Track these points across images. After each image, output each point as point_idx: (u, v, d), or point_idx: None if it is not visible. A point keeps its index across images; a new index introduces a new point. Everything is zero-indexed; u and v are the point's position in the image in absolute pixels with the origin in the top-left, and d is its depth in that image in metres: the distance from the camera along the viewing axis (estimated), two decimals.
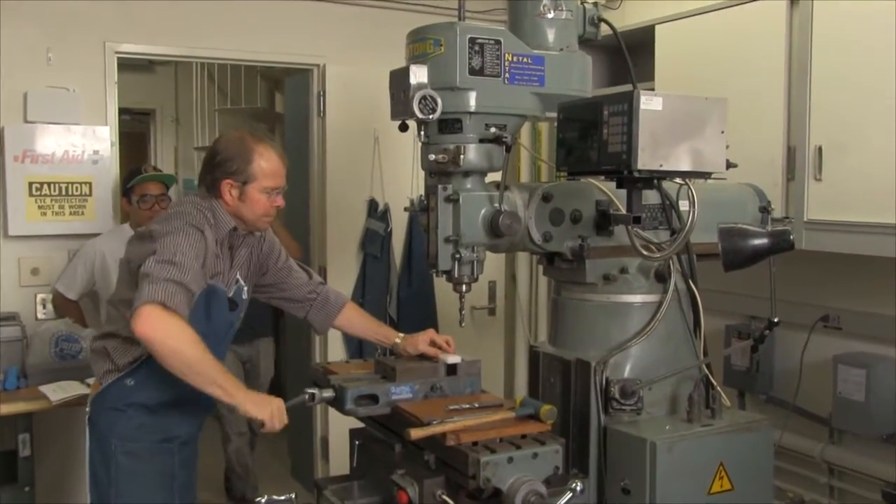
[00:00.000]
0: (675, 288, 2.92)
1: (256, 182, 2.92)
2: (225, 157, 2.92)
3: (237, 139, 2.95)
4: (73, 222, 4.59)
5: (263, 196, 2.93)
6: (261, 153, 2.93)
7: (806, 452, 4.07)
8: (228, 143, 2.95)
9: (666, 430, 2.73)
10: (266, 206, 2.95)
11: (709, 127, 2.54)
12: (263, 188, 2.93)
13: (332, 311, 3.28)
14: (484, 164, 2.78)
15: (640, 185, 2.58)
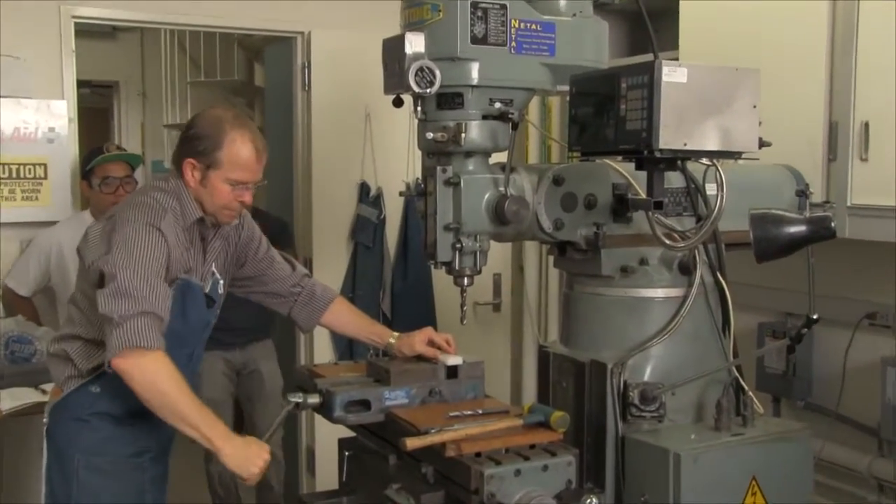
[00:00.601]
0: (702, 281, 2.95)
1: (221, 170, 2.91)
2: (196, 133, 2.93)
3: (215, 118, 2.94)
4: (26, 208, 4.58)
5: (226, 187, 2.93)
6: (234, 140, 2.91)
7: (851, 466, 4.06)
8: (204, 121, 2.96)
9: (691, 440, 2.76)
10: (227, 199, 2.95)
11: (739, 101, 2.56)
12: (228, 179, 2.92)
13: (318, 307, 3.29)
14: (488, 144, 2.80)
15: (662, 166, 2.60)
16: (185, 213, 2.93)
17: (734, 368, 3.00)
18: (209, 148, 2.91)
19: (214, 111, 2.99)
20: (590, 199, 2.91)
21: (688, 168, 2.93)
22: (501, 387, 5.48)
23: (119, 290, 2.67)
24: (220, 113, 2.97)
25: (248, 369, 5.24)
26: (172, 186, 2.95)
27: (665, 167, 2.61)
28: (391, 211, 5.24)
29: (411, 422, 2.61)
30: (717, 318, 3.01)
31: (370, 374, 2.97)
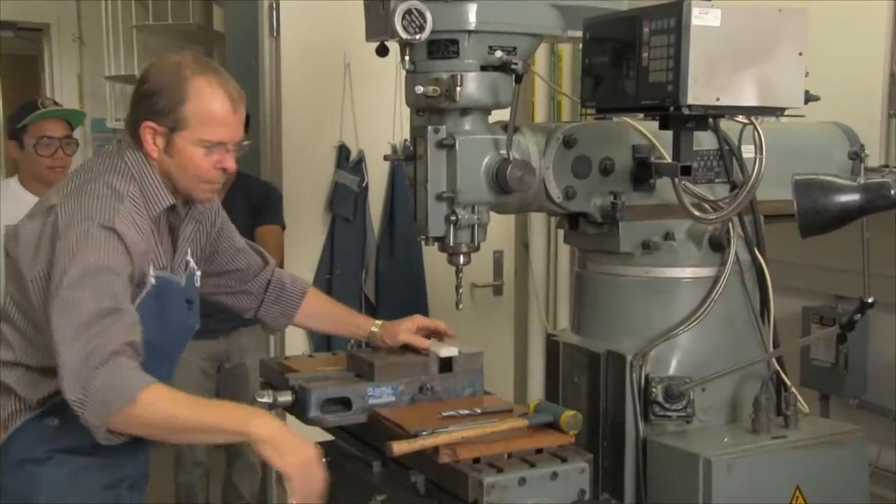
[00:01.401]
0: (737, 259, 2.97)
1: (189, 130, 2.67)
2: (151, 88, 2.70)
3: (172, 66, 2.71)
4: None
5: (199, 151, 2.70)
6: (201, 89, 2.67)
7: None
8: (159, 70, 2.73)
9: (724, 444, 2.79)
10: (203, 167, 2.72)
11: (782, 48, 2.56)
12: (200, 140, 2.69)
13: (291, 303, 3.21)
14: (487, 99, 2.81)
15: (691, 125, 2.61)
16: (149, 199, 2.71)
17: (774, 360, 3.02)
18: (170, 104, 2.66)
19: (170, 58, 2.74)
20: (606, 163, 2.92)
21: (721, 127, 2.93)
22: (503, 382, 5.49)
23: (78, 327, 2.44)
24: (178, 58, 2.73)
25: (232, 363, 5.21)
26: (129, 163, 2.72)
27: (694, 126, 2.62)
28: (375, 178, 5.24)
29: (399, 423, 2.62)
30: (754, 301, 3.03)
31: (351, 367, 2.98)
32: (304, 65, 5.15)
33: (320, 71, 5.13)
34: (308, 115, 5.14)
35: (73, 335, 2.44)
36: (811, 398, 4.06)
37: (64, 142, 4.48)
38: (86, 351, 2.43)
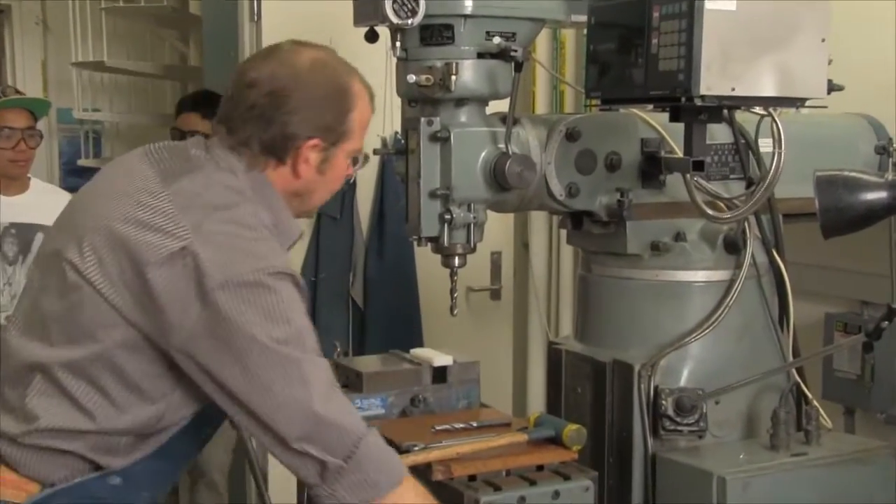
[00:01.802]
0: (753, 261, 2.97)
1: (350, 140, 2.52)
2: (309, 99, 2.47)
3: (320, 65, 2.54)
4: None
5: (346, 162, 2.56)
6: (360, 93, 2.57)
7: None
8: (311, 76, 2.50)
9: (740, 461, 2.79)
10: (342, 180, 2.61)
11: (803, 34, 2.57)
12: (354, 150, 2.56)
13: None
14: (484, 89, 2.81)
15: (704, 116, 2.61)
16: (282, 229, 2.48)
17: (794, 371, 3.02)
18: (339, 115, 2.50)
19: (305, 57, 2.55)
20: (612, 158, 2.92)
21: (737, 119, 2.93)
22: (501, 393, 5.48)
23: (325, 386, 2.33)
24: (319, 56, 2.58)
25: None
26: (250, 186, 2.45)
27: (708, 118, 2.62)
28: (364, 173, 5.23)
29: (389, 437, 2.61)
30: (772, 307, 3.04)
31: (336, 377, 2.96)
32: None
33: None
34: None
35: (324, 395, 2.32)
36: (834, 412, 4.05)
37: (27, 133, 4.47)
38: (347, 412, 2.35)
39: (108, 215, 2.34)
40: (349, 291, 5.21)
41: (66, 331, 2.34)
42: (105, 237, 2.31)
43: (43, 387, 2.35)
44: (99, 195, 2.47)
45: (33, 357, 2.36)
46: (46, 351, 2.35)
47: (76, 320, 2.32)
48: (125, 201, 2.35)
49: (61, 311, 2.34)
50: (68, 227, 2.43)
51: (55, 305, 2.36)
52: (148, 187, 2.36)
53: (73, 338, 2.33)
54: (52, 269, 2.39)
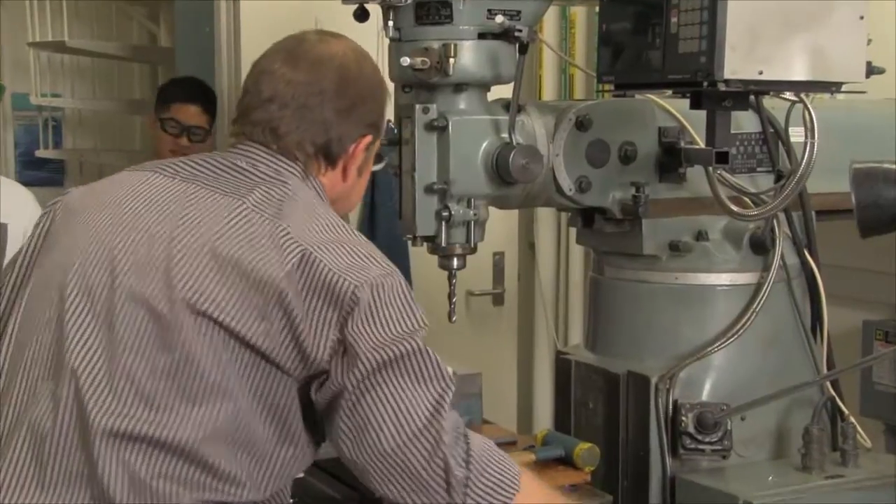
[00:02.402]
0: (783, 263, 2.97)
1: (379, 138, 2.61)
2: (360, 96, 2.50)
3: (361, 56, 2.57)
4: None
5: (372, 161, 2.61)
6: (384, 84, 2.61)
7: None
8: (357, 69, 2.53)
9: (769, 483, 2.79)
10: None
11: (839, 11, 2.57)
12: (377, 147, 2.62)
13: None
14: (486, 73, 2.81)
15: (729, 103, 2.61)
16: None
17: (829, 385, 3.02)
18: (382, 108, 2.56)
19: (332, 45, 2.57)
20: (627, 149, 2.93)
21: (765, 106, 2.93)
22: (504, 408, 5.49)
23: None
24: (348, 44, 2.58)
25: None
26: (320, 195, 2.46)
27: (733, 105, 2.63)
28: None
29: None
30: (804, 314, 3.04)
31: None
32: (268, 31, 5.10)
33: None
34: None
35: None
36: (874, 430, 4.05)
37: None
38: (455, 419, 2.26)
39: (193, 240, 2.23)
40: None
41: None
42: (206, 261, 2.20)
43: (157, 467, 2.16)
44: (139, 230, 2.30)
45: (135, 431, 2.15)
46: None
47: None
48: (202, 225, 2.25)
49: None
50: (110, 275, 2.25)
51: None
52: (221, 204, 2.29)
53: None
54: (125, 320, 2.20)
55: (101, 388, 2.15)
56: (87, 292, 2.24)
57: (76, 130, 8.07)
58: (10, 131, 8.12)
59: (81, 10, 7.48)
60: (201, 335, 2.15)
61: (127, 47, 7.39)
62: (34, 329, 2.29)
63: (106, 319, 2.20)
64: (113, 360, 2.17)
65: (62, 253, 2.34)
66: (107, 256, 2.26)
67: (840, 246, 3.20)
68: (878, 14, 2.68)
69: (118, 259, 2.25)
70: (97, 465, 2.11)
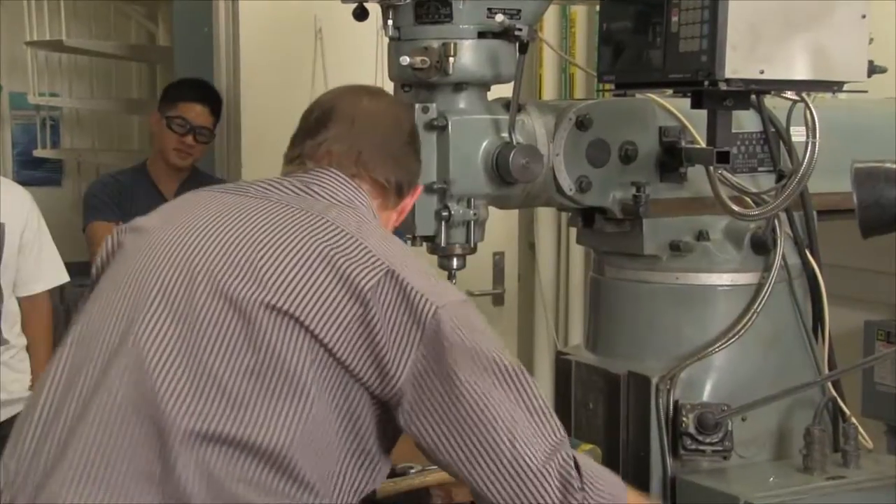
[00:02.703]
0: (784, 263, 2.97)
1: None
2: (419, 144, 2.59)
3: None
4: None
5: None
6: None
7: None
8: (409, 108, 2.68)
9: (770, 485, 2.79)
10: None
11: (841, 10, 2.57)
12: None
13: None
14: (486, 72, 2.81)
15: (730, 102, 2.61)
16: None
17: (830, 385, 3.02)
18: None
19: (387, 93, 2.68)
20: (627, 149, 2.93)
21: (766, 105, 2.93)
22: None
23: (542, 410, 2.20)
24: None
25: None
26: (374, 219, 2.46)
27: (734, 104, 2.62)
28: None
29: None
30: (805, 314, 3.04)
31: None
32: (267, 31, 5.14)
33: (287, 38, 5.13)
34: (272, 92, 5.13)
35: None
36: (876, 431, 4.05)
37: None
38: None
39: (279, 242, 2.22)
40: None
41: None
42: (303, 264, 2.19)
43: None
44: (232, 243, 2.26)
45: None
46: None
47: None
48: (286, 230, 2.24)
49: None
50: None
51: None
52: (301, 216, 2.28)
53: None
54: (210, 322, 2.17)
55: (182, 388, 2.11)
56: (164, 293, 2.20)
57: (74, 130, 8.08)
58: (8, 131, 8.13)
59: (79, 10, 7.49)
60: (286, 336, 2.13)
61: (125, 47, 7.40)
62: (104, 326, 2.24)
63: (187, 320, 2.17)
64: (195, 360, 2.13)
65: (134, 261, 2.30)
66: (185, 259, 2.23)
67: (841, 246, 3.20)
68: (880, 13, 2.68)
69: (196, 261, 2.22)
70: (174, 465, 2.07)
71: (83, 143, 8.08)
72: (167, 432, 2.08)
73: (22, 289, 4.25)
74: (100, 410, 2.13)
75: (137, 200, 4.68)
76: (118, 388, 2.14)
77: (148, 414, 2.10)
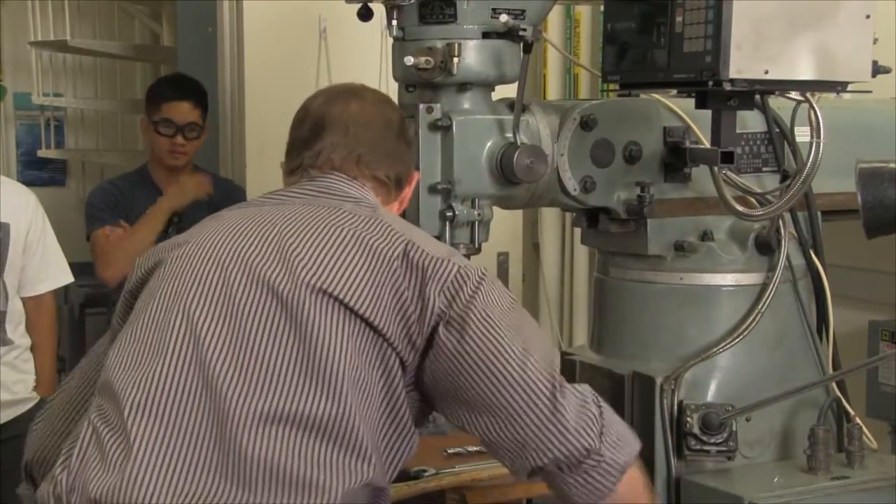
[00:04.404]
0: (788, 263, 2.97)
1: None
2: (402, 121, 2.68)
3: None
4: None
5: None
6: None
7: None
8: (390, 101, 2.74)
9: (774, 485, 2.79)
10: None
11: (845, 10, 2.57)
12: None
13: None
14: (490, 72, 2.82)
15: (734, 103, 2.61)
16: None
17: (835, 385, 3.02)
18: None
19: (377, 92, 2.74)
20: (632, 149, 2.93)
21: (770, 105, 2.93)
22: None
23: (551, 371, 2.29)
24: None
25: None
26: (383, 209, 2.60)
27: (738, 104, 2.63)
28: None
29: None
30: (809, 314, 3.04)
31: None
32: (271, 31, 5.14)
33: (291, 38, 5.13)
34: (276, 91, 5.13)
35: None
36: (880, 431, 4.04)
37: None
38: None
39: (306, 230, 2.34)
40: None
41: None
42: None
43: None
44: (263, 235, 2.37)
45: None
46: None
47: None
48: (311, 220, 2.36)
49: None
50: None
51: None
52: (321, 210, 2.39)
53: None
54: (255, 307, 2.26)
55: (235, 375, 2.18)
56: (204, 295, 2.28)
57: (78, 130, 8.08)
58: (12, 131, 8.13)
59: (83, 10, 7.49)
60: (324, 311, 2.21)
61: (129, 47, 7.39)
62: (160, 332, 2.28)
63: (231, 314, 2.24)
64: (244, 348, 2.20)
65: (175, 272, 2.36)
66: (218, 258, 2.32)
67: (846, 246, 3.20)
68: (883, 13, 2.68)
69: (229, 259, 2.31)
70: (238, 448, 2.12)
71: (87, 144, 8.08)
72: (227, 418, 2.13)
73: (26, 289, 4.25)
74: (167, 407, 2.18)
75: (138, 203, 4.69)
76: (183, 385, 2.19)
77: (211, 406, 2.16)
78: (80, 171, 8.07)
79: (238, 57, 5.20)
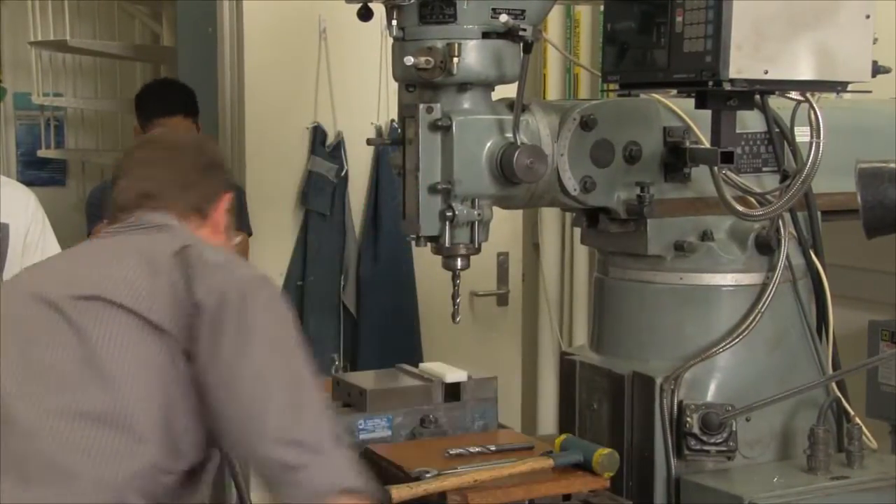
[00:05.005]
0: (788, 263, 2.97)
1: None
2: (218, 158, 2.84)
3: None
4: None
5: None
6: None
7: None
8: (208, 142, 2.90)
9: (774, 485, 2.79)
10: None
11: (845, 10, 2.57)
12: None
13: None
14: (490, 72, 2.81)
15: (734, 103, 2.62)
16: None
17: (834, 385, 3.02)
18: (226, 176, 2.92)
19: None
20: (632, 149, 2.93)
21: (770, 106, 2.94)
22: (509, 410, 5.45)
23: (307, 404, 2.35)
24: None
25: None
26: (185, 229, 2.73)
27: (738, 104, 2.63)
28: (356, 166, 5.24)
29: (397, 463, 2.62)
30: (809, 314, 3.04)
31: (337, 395, 2.97)
32: (271, 31, 5.14)
33: (291, 39, 5.13)
34: (275, 91, 5.14)
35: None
36: (880, 431, 4.04)
37: None
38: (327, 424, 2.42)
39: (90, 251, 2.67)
40: (340, 297, 5.21)
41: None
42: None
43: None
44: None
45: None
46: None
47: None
48: (97, 245, 2.68)
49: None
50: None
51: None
52: (121, 237, 2.61)
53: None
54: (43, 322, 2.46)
55: (20, 382, 2.38)
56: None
57: (78, 130, 8.07)
58: (12, 131, 8.11)
59: (83, 9, 7.47)
60: (102, 317, 2.39)
61: (129, 47, 7.38)
62: None
63: (12, 329, 2.46)
64: (30, 358, 2.40)
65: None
66: (13, 292, 2.59)
67: (846, 246, 3.20)
68: (883, 13, 2.68)
69: (19, 286, 2.62)
70: (20, 450, 2.33)
71: (87, 144, 8.07)
72: (12, 422, 2.34)
73: None
74: None
75: None
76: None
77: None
78: (80, 171, 8.06)
79: (238, 57, 5.20)
